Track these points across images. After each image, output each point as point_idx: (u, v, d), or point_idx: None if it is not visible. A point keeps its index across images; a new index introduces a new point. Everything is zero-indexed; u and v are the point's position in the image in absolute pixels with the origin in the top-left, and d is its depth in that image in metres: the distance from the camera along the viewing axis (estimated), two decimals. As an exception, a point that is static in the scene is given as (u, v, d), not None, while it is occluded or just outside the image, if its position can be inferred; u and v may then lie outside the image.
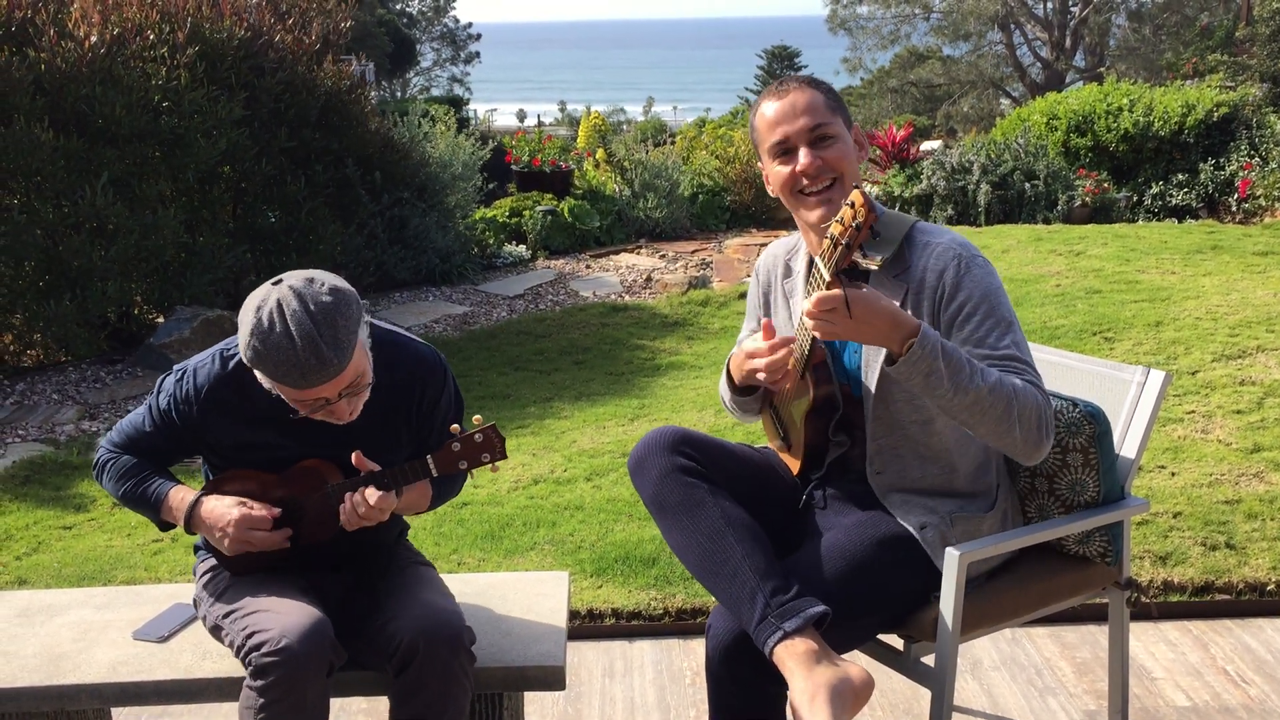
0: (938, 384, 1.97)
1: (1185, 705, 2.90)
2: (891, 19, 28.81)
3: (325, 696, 2.13)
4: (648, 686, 3.10)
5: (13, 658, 2.39)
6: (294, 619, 2.11)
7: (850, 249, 1.89)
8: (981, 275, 2.13)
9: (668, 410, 5.76)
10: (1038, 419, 2.05)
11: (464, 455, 2.19)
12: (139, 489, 2.30)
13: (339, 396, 2.10)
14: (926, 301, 2.14)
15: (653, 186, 11.41)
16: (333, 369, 2.02)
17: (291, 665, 2.04)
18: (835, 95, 2.23)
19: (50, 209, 6.88)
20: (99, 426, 6.20)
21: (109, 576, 3.96)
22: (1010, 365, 2.08)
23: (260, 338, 2.00)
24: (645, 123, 20.81)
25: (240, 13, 8.07)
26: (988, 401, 2.00)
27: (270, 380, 2.07)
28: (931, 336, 1.97)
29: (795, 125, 2.17)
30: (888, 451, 2.24)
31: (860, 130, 2.26)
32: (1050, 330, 6.24)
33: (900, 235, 2.18)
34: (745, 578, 2.06)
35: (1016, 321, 2.15)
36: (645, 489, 2.25)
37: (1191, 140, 11.05)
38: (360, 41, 19.75)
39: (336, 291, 2.05)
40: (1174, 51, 22.64)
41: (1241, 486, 4.07)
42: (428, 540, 4.05)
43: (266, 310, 2.01)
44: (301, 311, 2.00)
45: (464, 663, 2.16)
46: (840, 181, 2.18)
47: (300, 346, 1.99)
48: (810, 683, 1.93)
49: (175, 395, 2.26)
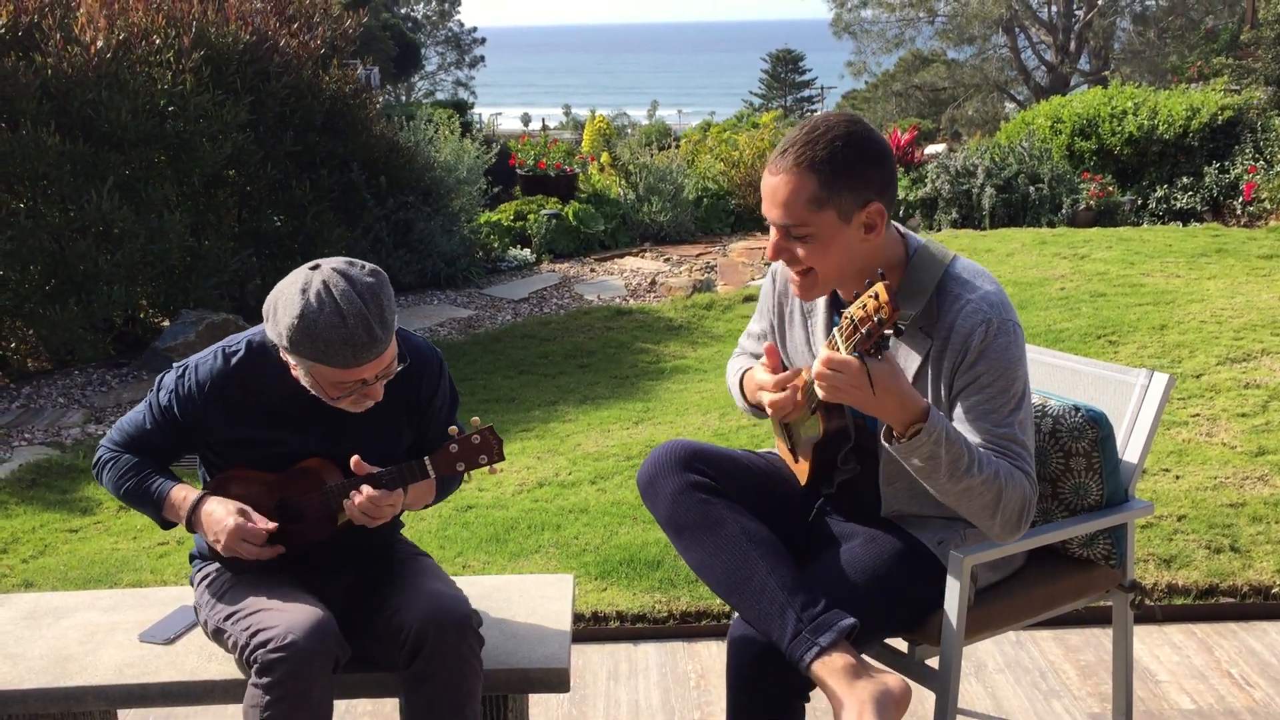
0: (935, 469, 1.95)
1: (1190, 708, 2.90)
2: (896, 22, 28.81)
3: (330, 694, 2.13)
4: (652, 689, 3.10)
5: (20, 660, 2.40)
6: (298, 616, 2.12)
7: (868, 339, 1.83)
8: (1005, 346, 2.03)
9: (672, 414, 5.77)
10: (1019, 510, 2.02)
11: (461, 457, 2.20)
12: (141, 486, 2.30)
13: (375, 378, 2.13)
14: (949, 360, 2.06)
15: (657, 190, 11.43)
16: (381, 345, 2.06)
17: (297, 661, 2.05)
18: (842, 173, 1.98)
19: (56, 213, 6.90)
20: (104, 430, 6.22)
21: (115, 579, 3.97)
22: (1006, 447, 2.03)
23: (310, 319, 2.02)
24: (650, 126, 20.83)
25: (246, 17, 8.10)
26: (978, 491, 1.97)
27: (314, 362, 2.07)
28: (938, 425, 1.92)
29: (770, 211, 2.04)
30: (903, 493, 2.21)
31: (881, 210, 2.01)
32: (1055, 333, 6.24)
33: (932, 285, 2.07)
34: (773, 594, 2.04)
35: (1028, 397, 2.08)
36: (659, 509, 2.23)
37: (1196, 144, 11.05)
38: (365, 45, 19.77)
39: (376, 273, 2.10)
40: (1179, 55, 22.64)
41: (1246, 490, 4.07)
42: (432, 543, 4.06)
43: (314, 291, 2.04)
44: (350, 290, 2.04)
45: (473, 645, 2.17)
46: (815, 273, 2.06)
47: (352, 325, 2.02)
48: (855, 699, 1.92)
49: (177, 391, 2.28)
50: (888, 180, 2.03)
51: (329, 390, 2.14)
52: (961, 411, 2.05)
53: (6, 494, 5.12)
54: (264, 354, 2.25)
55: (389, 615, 2.21)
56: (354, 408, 2.18)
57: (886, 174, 2.02)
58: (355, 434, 2.27)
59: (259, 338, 2.27)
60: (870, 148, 2.00)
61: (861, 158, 1.99)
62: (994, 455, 2.01)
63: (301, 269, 2.11)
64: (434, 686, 2.14)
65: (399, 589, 2.27)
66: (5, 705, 2.30)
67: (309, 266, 2.10)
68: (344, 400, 2.16)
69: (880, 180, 2.01)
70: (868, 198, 2.00)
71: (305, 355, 2.06)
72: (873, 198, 2.00)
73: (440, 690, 2.14)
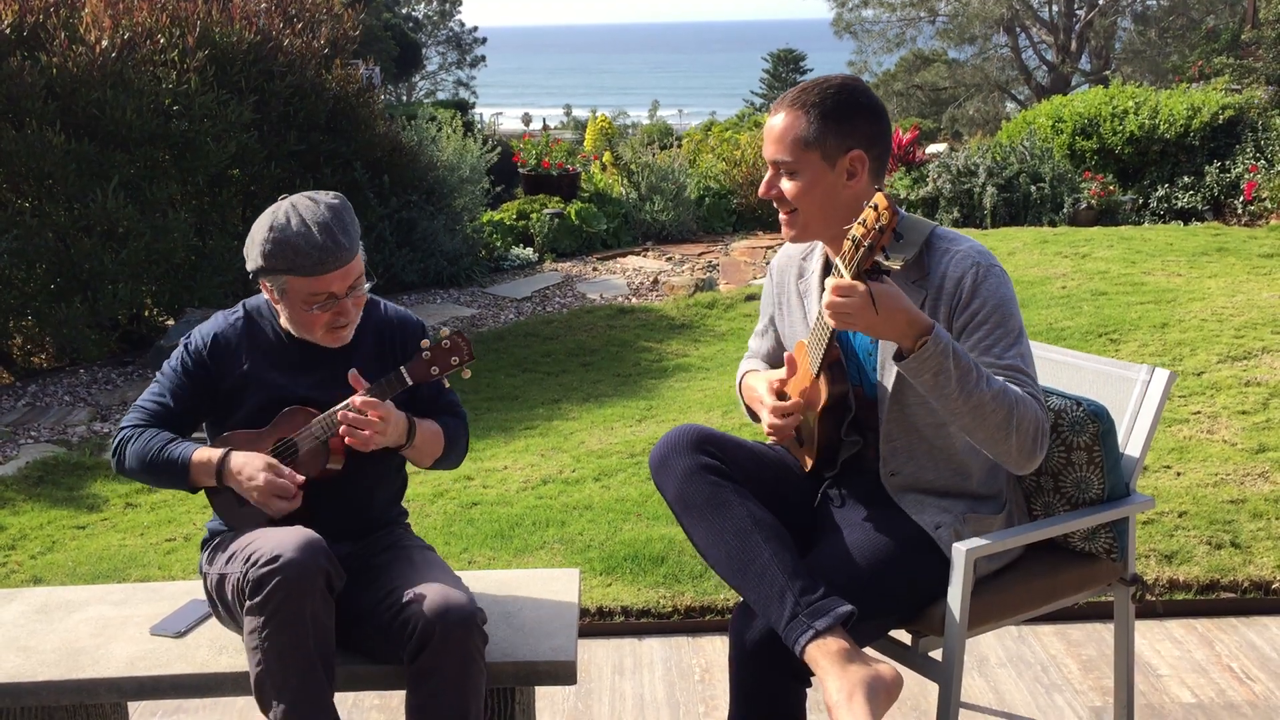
0: (945, 383, 2.00)
1: (1190, 702, 2.92)
2: (897, 22, 28.80)
3: (328, 617, 2.17)
4: (657, 683, 3.13)
5: (33, 653, 2.42)
6: (288, 536, 2.18)
7: (872, 251, 1.90)
8: (997, 285, 2.15)
9: (675, 411, 5.79)
10: (1034, 430, 2.07)
11: (435, 362, 2.33)
12: (164, 454, 2.34)
13: (346, 293, 2.31)
14: (944, 306, 2.16)
15: (659, 189, 11.45)
16: (346, 254, 2.27)
17: (286, 572, 2.10)
18: (830, 117, 2.13)
19: (62, 212, 6.93)
20: (110, 428, 6.25)
21: (123, 575, 4.00)
22: (1013, 376, 2.10)
23: (278, 231, 2.25)
24: (651, 126, 20.85)
25: (250, 17, 8.12)
26: (990, 407, 2.02)
27: (287, 274, 2.26)
28: (944, 337, 2.00)
29: (767, 148, 2.22)
30: (902, 453, 2.26)
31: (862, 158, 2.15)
32: (1056, 332, 6.26)
33: (920, 240, 2.19)
34: (774, 577, 2.08)
35: (1025, 334, 2.17)
36: (669, 488, 2.27)
37: (1197, 143, 11.07)
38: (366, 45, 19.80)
39: (339, 196, 2.36)
40: (1179, 54, 22.65)
41: (1247, 486, 4.09)
42: (438, 539, 4.08)
43: (282, 211, 2.29)
44: (314, 206, 2.29)
45: (478, 643, 2.20)
46: (799, 213, 2.20)
47: (317, 231, 2.24)
48: (845, 681, 1.96)
49: (186, 348, 2.43)
50: (875, 136, 2.17)
51: (300, 311, 2.31)
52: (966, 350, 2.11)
53: (14, 491, 5.15)
54: (259, 312, 2.46)
55: (395, 610, 2.22)
56: (330, 338, 2.36)
57: (875, 129, 2.17)
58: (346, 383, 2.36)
59: (253, 301, 2.49)
60: (862, 100, 2.16)
61: (852, 108, 2.15)
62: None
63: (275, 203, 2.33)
64: (438, 681, 2.16)
65: (406, 581, 2.29)
66: (19, 697, 2.33)
67: (281, 197, 2.35)
68: (318, 324, 2.32)
69: (867, 133, 2.16)
70: (851, 145, 2.15)
71: (279, 268, 2.25)
72: (856, 146, 2.15)
73: (444, 685, 2.16)
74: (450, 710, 2.17)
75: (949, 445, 2.24)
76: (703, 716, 2.96)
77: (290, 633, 2.10)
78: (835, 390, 2.26)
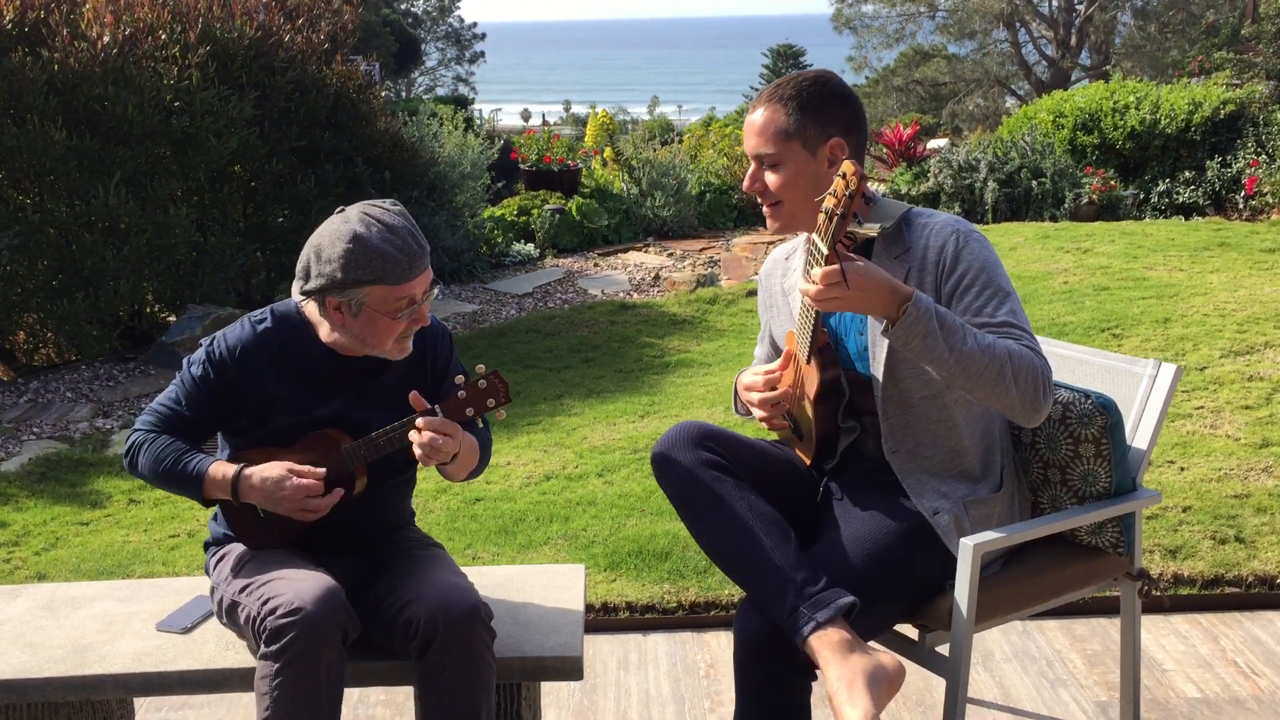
0: (934, 345, 2.02)
1: (1196, 696, 2.92)
2: (897, 17, 28.76)
3: (340, 668, 2.14)
4: (662, 678, 3.13)
5: (39, 649, 2.42)
6: (307, 584, 2.15)
7: (845, 219, 1.93)
8: (979, 249, 2.19)
9: (677, 407, 5.79)
10: (1033, 379, 2.08)
11: (470, 402, 2.26)
12: (179, 465, 2.30)
13: (423, 297, 2.25)
14: (930, 277, 2.19)
15: (660, 185, 11.44)
16: (428, 256, 2.24)
17: (305, 625, 2.07)
18: (808, 108, 2.19)
19: (63, 208, 6.92)
20: (113, 424, 6.25)
21: (127, 571, 4.00)
22: (1007, 331, 2.13)
23: (363, 238, 2.17)
24: (651, 121, 20.83)
25: (250, 12, 8.11)
26: (982, 362, 2.04)
27: (373, 284, 2.18)
28: (925, 300, 2.02)
29: (748, 143, 2.26)
30: (900, 430, 2.27)
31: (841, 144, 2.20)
32: (1058, 327, 6.26)
33: (897, 214, 2.24)
34: (775, 570, 2.10)
35: (1014, 292, 2.20)
36: (670, 484, 2.28)
37: (1198, 138, 11.06)
38: (366, 41, 19.78)
39: (397, 203, 2.28)
40: (1180, 49, 22.61)
41: (1250, 481, 4.09)
42: (441, 535, 4.08)
43: (356, 218, 2.20)
44: (386, 212, 2.22)
45: (484, 637, 2.18)
46: (784, 204, 2.24)
47: (403, 235, 2.19)
48: (846, 670, 1.97)
49: (209, 358, 2.33)
50: (852, 123, 2.23)
51: (383, 320, 2.22)
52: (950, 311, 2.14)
53: (17, 488, 5.15)
54: (289, 322, 2.35)
55: (399, 608, 2.22)
56: (399, 348, 2.28)
57: (851, 117, 2.23)
58: (379, 400, 2.33)
59: (282, 308, 2.37)
60: (836, 90, 2.23)
61: (828, 97, 2.21)
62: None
63: (333, 216, 2.25)
64: (446, 679, 2.16)
65: (409, 581, 2.29)
66: (25, 694, 2.33)
67: (337, 211, 2.26)
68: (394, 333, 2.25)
69: (844, 120, 2.22)
70: (831, 133, 2.20)
71: (364, 277, 2.17)
72: (835, 133, 2.21)
73: (453, 682, 2.16)
74: (460, 706, 2.16)
75: (945, 417, 2.25)
76: (708, 712, 2.96)
77: (303, 685, 2.08)
78: (827, 375, 2.28)
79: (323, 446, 2.32)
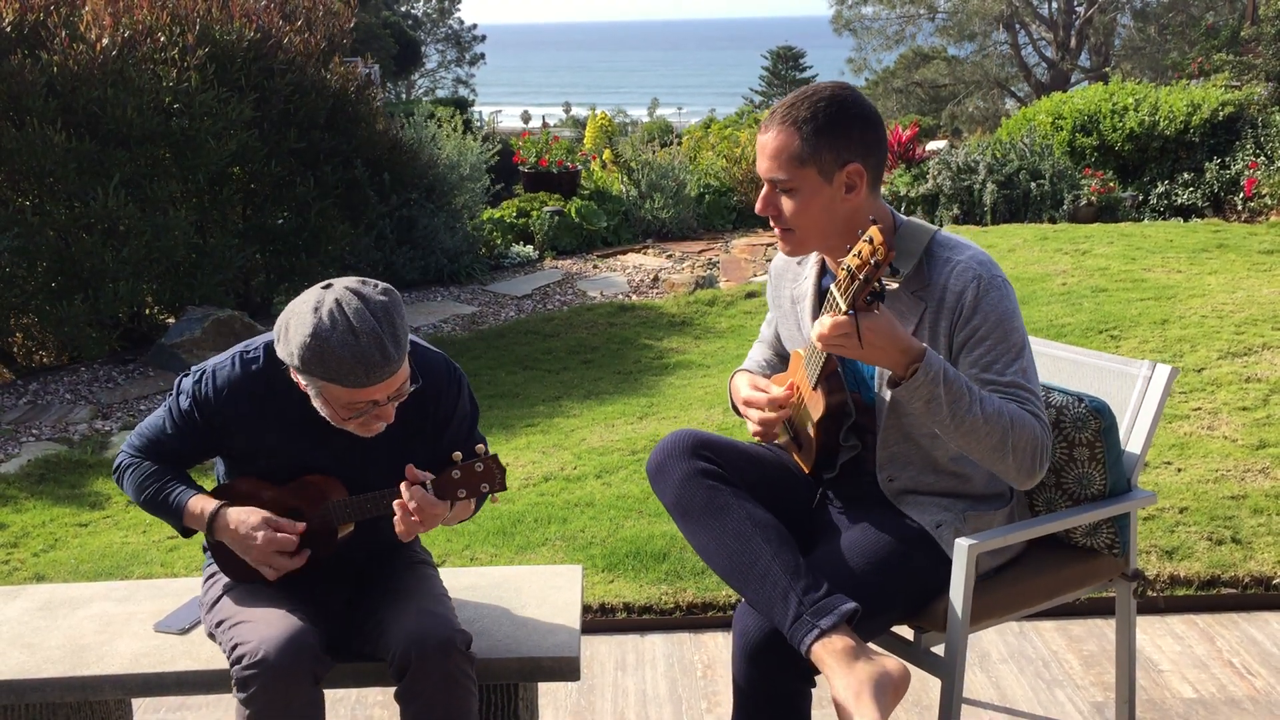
0: (938, 410, 2.00)
1: (1191, 697, 2.93)
2: (896, 19, 28.81)
3: (314, 706, 2.13)
4: (659, 679, 3.13)
5: (37, 649, 2.42)
6: (274, 630, 2.11)
7: (868, 284, 1.88)
8: (999, 300, 2.11)
9: (676, 409, 5.80)
10: (1032, 449, 2.06)
11: (463, 484, 2.18)
12: (160, 495, 2.29)
13: (387, 400, 2.10)
14: (945, 320, 2.13)
15: (659, 187, 11.45)
16: (394, 365, 2.04)
17: (269, 676, 2.06)
18: (824, 132, 2.08)
19: (62, 210, 6.94)
20: (112, 426, 6.25)
21: (126, 572, 4.00)
22: (1013, 393, 2.09)
23: (321, 337, 1.99)
24: (651, 123, 20.85)
25: (249, 15, 8.12)
26: (983, 430, 2.02)
27: (324, 381, 2.04)
28: (935, 364, 1.99)
29: (760, 165, 2.17)
30: (899, 459, 2.26)
31: (860, 170, 2.10)
32: (1056, 329, 6.27)
33: (920, 249, 2.16)
34: (776, 577, 2.08)
35: (1028, 348, 2.15)
36: (667, 494, 2.27)
37: (1197, 139, 11.07)
38: (365, 43, 19.80)
39: (389, 291, 2.09)
40: (1179, 51, 22.63)
41: (1247, 482, 4.10)
42: (439, 536, 4.09)
43: (326, 309, 2.01)
44: (364, 309, 2.02)
45: (459, 664, 2.15)
46: (796, 230, 2.15)
47: (365, 343, 2.00)
48: (854, 679, 1.96)
49: (195, 396, 2.25)
50: (871, 144, 2.11)
51: (339, 412, 2.11)
52: (965, 367, 2.12)
53: (16, 489, 5.15)
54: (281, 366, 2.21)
55: (377, 634, 2.22)
56: (362, 431, 2.14)
57: (870, 138, 2.11)
58: (372, 449, 2.26)
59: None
60: (854, 111, 2.09)
61: (844, 119, 2.08)
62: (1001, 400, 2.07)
63: (314, 288, 2.08)
64: (420, 706, 2.15)
65: (387, 604, 2.28)
66: (23, 694, 2.33)
67: (321, 286, 2.08)
68: (352, 422, 2.12)
69: (863, 143, 2.10)
70: (848, 158, 2.09)
71: (317, 375, 2.03)
72: (853, 159, 2.09)
73: (427, 709, 2.15)
74: None
75: (947, 453, 2.24)
76: (705, 712, 2.96)
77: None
78: (833, 400, 2.25)
79: (310, 496, 2.27)
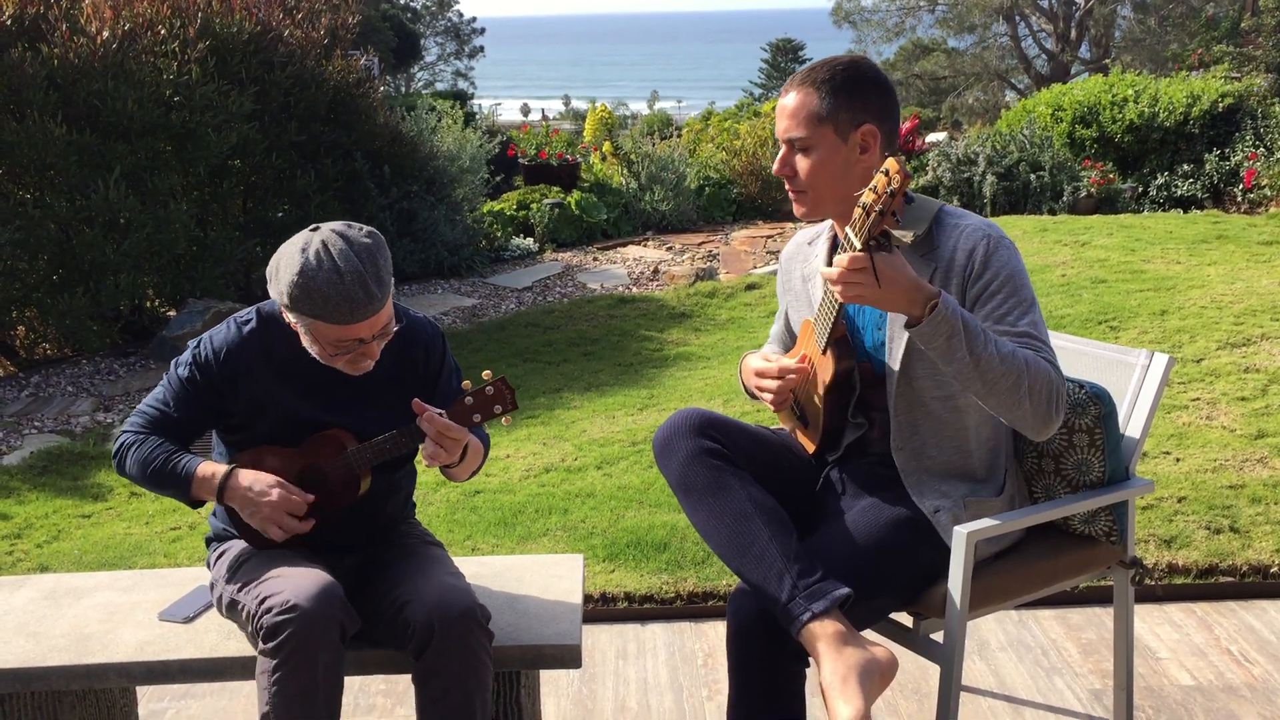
0: (957, 346, 2.02)
1: (1190, 684, 2.94)
2: (896, 11, 28.74)
3: (339, 664, 2.16)
4: (660, 667, 3.15)
5: (42, 638, 2.44)
6: (304, 581, 2.16)
7: (884, 215, 1.89)
8: (1008, 256, 2.18)
9: (676, 400, 5.81)
10: (1048, 393, 2.09)
11: (476, 409, 2.26)
12: (168, 465, 2.30)
13: (372, 338, 2.20)
14: (955, 279, 2.18)
15: (659, 179, 11.45)
16: (377, 303, 2.15)
17: (301, 623, 2.09)
18: (841, 93, 2.18)
19: (63, 203, 6.94)
20: (114, 418, 6.27)
21: (129, 563, 4.02)
22: (1027, 342, 2.13)
23: (308, 275, 2.11)
24: (651, 116, 20.84)
25: (250, 7, 8.12)
26: (1000, 370, 2.04)
27: (312, 319, 2.15)
28: (952, 301, 2.02)
29: (779, 126, 2.25)
30: (908, 428, 2.28)
31: (874, 131, 2.19)
32: (1056, 320, 6.28)
33: (929, 216, 2.23)
34: (772, 559, 2.11)
35: (1037, 304, 2.20)
36: (671, 470, 2.29)
37: (1197, 131, 11.07)
38: (365, 36, 19.76)
39: (373, 234, 2.20)
40: (1179, 42, 22.60)
41: (1245, 472, 4.11)
42: (441, 527, 4.11)
43: (313, 250, 2.13)
44: (348, 249, 2.13)
45: (480, 638, 2.19)
46: (810, 189, 2.23)
47: (349, 281, 2.11)
48: (841, 664, 1.98)
49: (195, 360, 2.33)
50: (885, 110, 2.21)
51: (326, 349, 2.21)
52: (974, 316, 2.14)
53: (19, 481, 5.17)
54: (275, 322, 2.33)
55: (397, 608, 2.24)
56: (350, 369, 2.25)
57: (884, 103, 2.21)
58: (371, 401, 2.33)
59: (268, 307, 2.35)
60: (870, 76, 2.21)
61: (862, 82, 2.20)
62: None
63: (302, 231, 2.19)
64: (442, 679, 2.17)
65: (406, 581, 2.30)
66: (28, 682, 2.35)
67: (309, 229, 2.19)
68: (340, 359, 2.22)
69: (878, 107, 2.20)
70: (863, 119, 2.19)
71: (304, 312, 2.14)
72: (868, 120, 2.19)
73: (450, 683, 2.17)
74: (456, 707, 2.18)
75: (956, 420, 2.27)
76: (705, 700, 2.98)
77: (301, 681, 2.10)
78: (841, 367, 2.28)
79: (329, 448, 2.33)
